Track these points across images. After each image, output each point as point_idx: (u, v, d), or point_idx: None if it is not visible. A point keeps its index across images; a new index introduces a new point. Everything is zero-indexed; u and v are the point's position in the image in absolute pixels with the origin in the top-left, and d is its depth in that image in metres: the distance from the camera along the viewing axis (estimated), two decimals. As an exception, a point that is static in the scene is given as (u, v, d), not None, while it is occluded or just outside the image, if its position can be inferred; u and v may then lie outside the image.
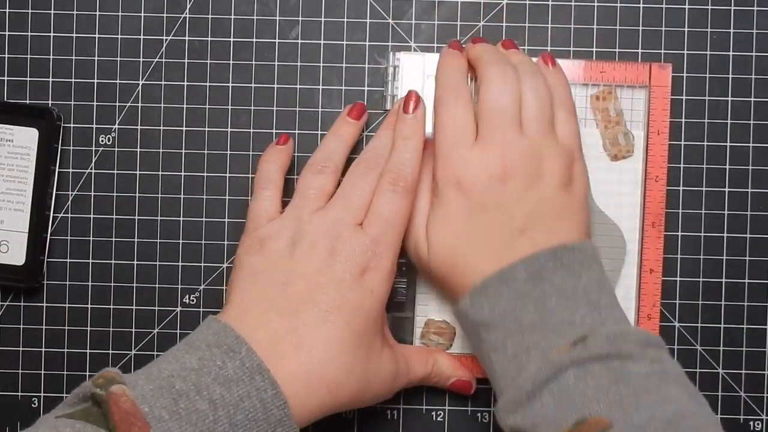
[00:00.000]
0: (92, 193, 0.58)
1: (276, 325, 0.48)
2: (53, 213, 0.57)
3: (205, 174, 0.58)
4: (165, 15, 0.58)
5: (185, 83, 0.58)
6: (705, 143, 0.57)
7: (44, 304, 0.58)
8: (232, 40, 0.58)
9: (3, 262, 0.56)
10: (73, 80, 0.58)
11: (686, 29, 0.57)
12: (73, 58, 0.58)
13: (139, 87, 0.58)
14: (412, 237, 0.52)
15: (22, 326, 0.58)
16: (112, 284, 0.58)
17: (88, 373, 0.58)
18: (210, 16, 0.58)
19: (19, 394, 0.58)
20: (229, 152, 0.58)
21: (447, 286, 0.52)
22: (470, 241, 0.50)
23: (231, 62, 0.58)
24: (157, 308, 0.58)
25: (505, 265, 0.48)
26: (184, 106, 0.58)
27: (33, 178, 0.56)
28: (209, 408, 0.44)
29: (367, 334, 0.49)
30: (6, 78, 0.58)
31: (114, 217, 0.58)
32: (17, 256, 0.56)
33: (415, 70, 0.56)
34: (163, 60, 0.58)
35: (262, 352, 0.46)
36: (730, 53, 0.57)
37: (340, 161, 0.53)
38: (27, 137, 0.55)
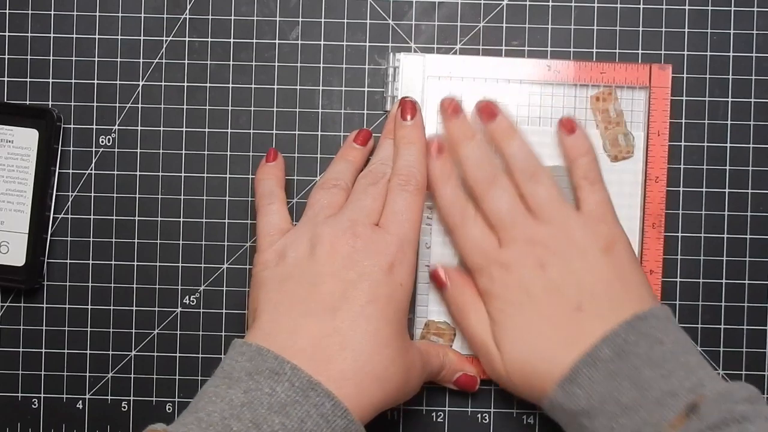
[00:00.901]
0: (92, 194, 0.58)
1: (315, 329, 0.47)
2: (53, 214, 0.57)
3: (206, 175, 0.58)
4: (165, 16, 0.58)
5: (185, 84, 0.58)
6: (705, 144, 0.57)
7: (44, 305, 0.58)
8: (232, 40, 0.58)
9: (3, 262, 0.56)
10: (73, 81, 0.58)
11: (686, 30, 0.57)
12: (73, 59, 0.58)
13: (139, 88, 0.58)
14: (485, 357, 0.53)
15: (22, 327, 0.58)
16: (113, 285, 0.58)
17: (87, 374, 0.58)
18: (210, 17, 0.58)
19: (19, 394, 0.58)
20: (229, 153, 0.58)
21: (532, 388, 0.51)
22: (538, 335, 0.50)
23: (231, 63, 0.58)
24: (157, 309, 0.58)
25: (586, 348, 0.48)
26: (184, 106, 0.58)
27: (33, 179, 0.56)
28: None
29: (401, 326, 0.49)
30: (6, 78, 0.58)
31: (114, 218, 0.58)
32: (17, 257, 0.56)
33: (415, 71, 0.56)
34: (164, 61, 0.58)
35: (308, 358, 0.46)
36: (731, 54, 0.57)
37: (350, 180, 0.54)
38: (27, 138, 0.55)
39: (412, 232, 0.51)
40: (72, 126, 0.58)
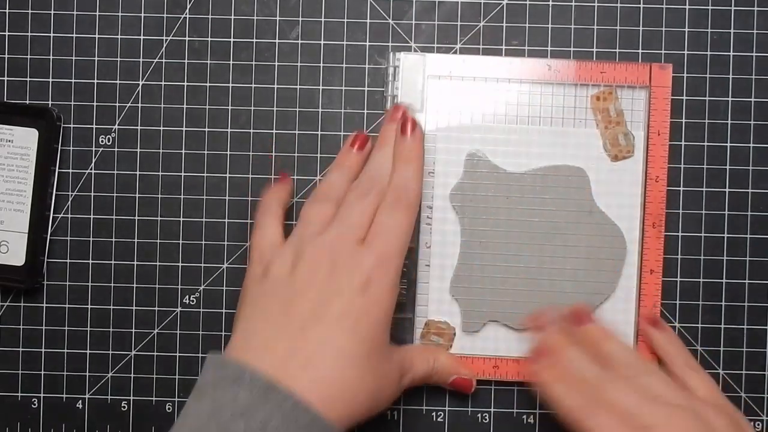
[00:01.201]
0: (92, 194, 0.58)
1: (281, 347, 0.47)
2: (53, 213, 0.57)
3: (205, 174, 0.58)
4: (165, 15, 0.58)
5: (185, 83, 0.57)
6: (705, 144, 0.57)
7: (44, 305, 0.58)
8: (232, 40, 0.58)
9: (3, 262, 0.56)
10: (73, 80, 0.58)
11: (686, 29, 0.57)
12: (73, 58, 0.58)
13: (139, 87, 0.58)
14: None
15: (22, 326, 0.58)
16: (112, 285, 0.58)
17: (87, 374, 0.58)
18: (210, 17, 0.58)
19: (19, 394, 0.58)
20: (229, 152, 0.58)
21: None
22: None
23: (231, 62, 0.58)
24: (157, 309, 0.58)
25: None
26: (184, 106, 0.57)
27: (33, 179, 0.56)
28: None
29: (375, 340, 0.49)
30: (6, 78, 0.58)
31: (114, 217, 0.58)
32: (17, 257, 0.56)
33: (415, 71, 0.56)
34: (163, 60, 0.57)
35: (271, 374, 0.46)
36: (731, 53, 0.57)
37: (342, 190, 0.53)
38: (27, 137, 0.55)
39: (397, 249, 0.50)
40: (72, 126, 0.58)
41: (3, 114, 0.56)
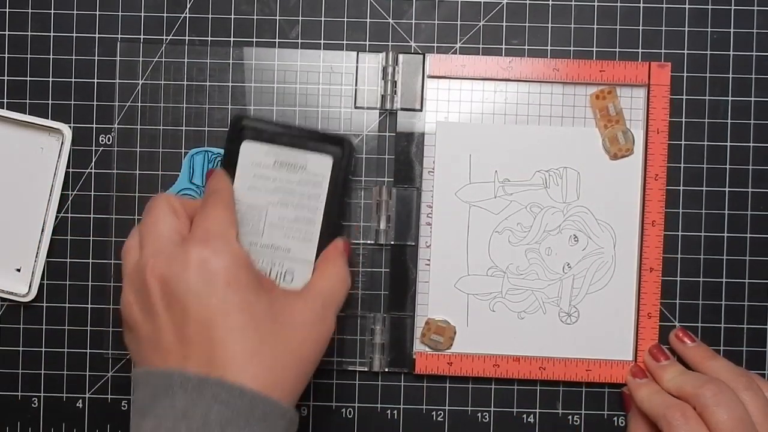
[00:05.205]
0: (92, 193, 0.58)
1: None
2: (53, 213, 0.57)
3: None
4: (165, 15, 0.58)
5: (185, 83, 0.58)
6: (705, 143, 0.57)
7: (44, 304, 0.58)
8: (232, 39, 0.58)
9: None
10: (73, 80, 0.58)
11: (686, 29, 0.57)
12: (73, 57, 0.58)
13: (139, 87, 0.58)
14: None
15: (22, 326, 0.58)
16: (112, 284, 0.58)
17: (87, 373, 0.58)
18: (210, 16, 0.58)
19: (19, 394, 0.58)
20: (229, 152, 0.58)
21: None
22: None
23: (231, 62, 0.58)
24: (157, 308, 0.58)
25: None
26: (184, 105, 0.58)
27: (324, 208, 0.52)
28: None
29: (267, 305, 0.47)
30: (6, 78, 0.58)
31: (114, 216, 0.58)
32: (300, 286, 0.51)
33: (415, 70, 0.57)
34: (163, 60, 0.58)
35: (200, 371, 0.44)
36: (730, 53, 0.57)
37: None
38: (321, 165, 0.52)
39: None
40: (72, 125, 0.58)
41: (298, 138, 0.52)
